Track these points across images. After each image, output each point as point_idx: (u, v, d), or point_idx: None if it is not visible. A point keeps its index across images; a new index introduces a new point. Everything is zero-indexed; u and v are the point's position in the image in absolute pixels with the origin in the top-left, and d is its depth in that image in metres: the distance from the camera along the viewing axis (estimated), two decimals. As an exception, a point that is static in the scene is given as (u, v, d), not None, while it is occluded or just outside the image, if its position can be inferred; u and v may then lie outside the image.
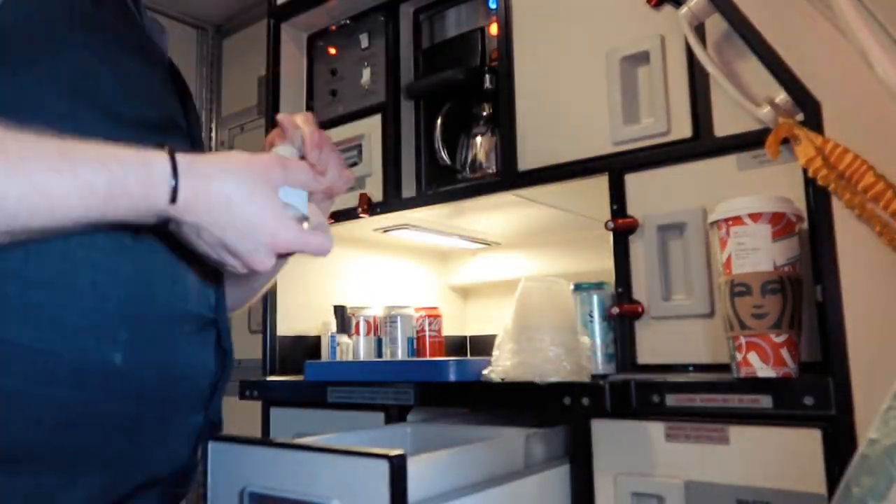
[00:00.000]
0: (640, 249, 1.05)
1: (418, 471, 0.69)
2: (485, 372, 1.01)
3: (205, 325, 0.68)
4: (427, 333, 1.58)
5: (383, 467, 0.64)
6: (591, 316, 1.09)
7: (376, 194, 1.44)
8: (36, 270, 0.55)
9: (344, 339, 1.52)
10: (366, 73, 1.50)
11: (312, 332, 1.56)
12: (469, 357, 1.82)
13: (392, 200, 1.42)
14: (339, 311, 1.54)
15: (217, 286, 0.70)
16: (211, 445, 0.79)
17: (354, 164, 1.48)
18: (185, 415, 0.66)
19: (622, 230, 1.06)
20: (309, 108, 1.61)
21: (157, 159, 0.55)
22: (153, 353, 0.61)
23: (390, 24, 1.48)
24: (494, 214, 1.52)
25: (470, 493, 0.77)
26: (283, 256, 0.64)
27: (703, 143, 1.01)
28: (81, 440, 0.57)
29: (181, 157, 0.56)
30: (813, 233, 0.87)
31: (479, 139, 1.37)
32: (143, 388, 0.61)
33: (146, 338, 0.61)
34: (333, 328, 1.53)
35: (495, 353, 1.02)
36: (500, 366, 0.99)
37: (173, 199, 0.55)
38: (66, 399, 0.56)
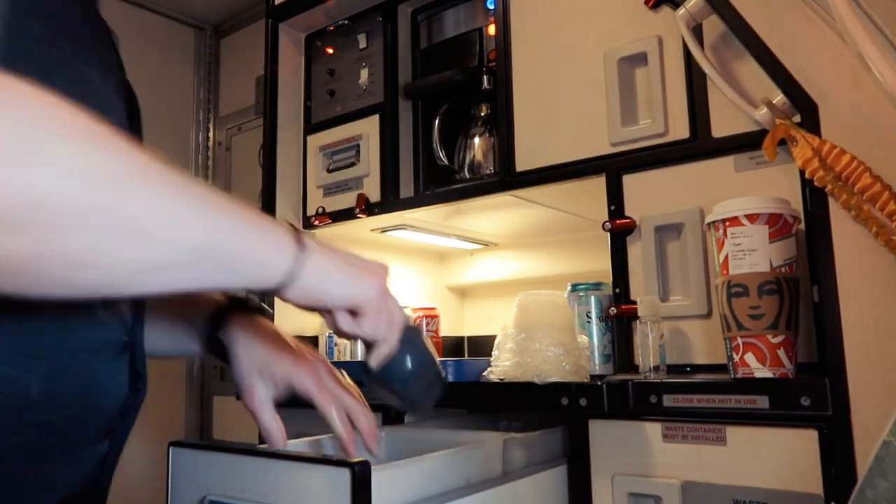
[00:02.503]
0: (638, 250, 1.05)
1: (384, 479, 0.66)
2: (484, 373, 1.01)
3: (121, 349, 0.64)
4: (425, 334, 1.58)
5: (344, 476, 0.61)
6: (589, 317, 1.09)
7: (374, 195, 1.44)
8: None
9: (342, 339, 1.52)
10: (364, 74, 1.50)
11: (310, 332, 1.56)
12: (467, 357, 1.82)
13: (390, 201, 1.42)
14: (337, 312, 1.53)
15: (136, 308, 0.67)
16: (171, 451, 0.76)
17: (352, 165, 1.48)
18: (94, 442, 0.62)
19: (620, 231, 1.06)
20: (307, 108, 1.61)
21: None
22: (69, 384, 0.58)
23: (388, 24, 1.48)
24: (492, 215, 1.52)
25: (455, 498, 0.75)
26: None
27: (700, 145, 1.01)
28: None
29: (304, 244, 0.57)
30: (810, 234, 0.88)
31: (476, 140, 1.37)
32: (56, 417, 0.58)
33: (63, 368, 0.58)
34: (331, 328, 1.53)
35: (494, 353, 1.02)
36: (500, 366, 0.99)
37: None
38: None
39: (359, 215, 1.44)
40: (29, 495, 0.58)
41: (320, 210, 1.52)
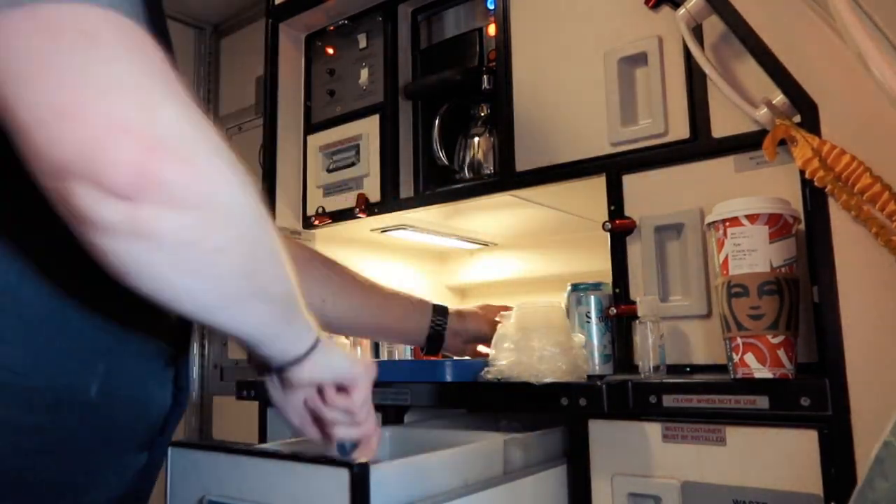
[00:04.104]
0: (638, 250, 1.05)
1: (383, 479, 0.66)
2: (482, 371, 1.01)
3: (169, 359, 0.65)
4: (424, 334, 1.57)
5: (343, 476, 0.62)
6: (589, 317, 1.09)
7: (374, 195, 1.44)
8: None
9: (342, 339, 1.52)
10: (364, 74, 1.50)
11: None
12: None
13: (389, 201, 1.42)
14: (337, 312, 1.53)
15: (183, 320, 0.68)
16: (171, 451, 0.76)
17: (352, 165, 1.48)
18: (136, 451, 0.64)
19: (620, 231, 1.06)
20: (307, 108, 1.61)
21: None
22: (125, 388, 0.59)
23: (388, 24, 1.48)
24: (492, 215, 1.52)
25: (454, 498, 0.75)
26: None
27: (700, 145, 1.01)
28: (42, 469, 0.55)
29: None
30: (810, 234, 0.88)
31: (476, 140, 1.37)
32: (109, 422, 0.59)
33: (121, 370, 0.59)
34: (331, 328, 1.53)
35: (492, 352, 1.02)
36: (497, 365, 0.99)
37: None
38: (40, 427, 0.54)
39: (359, 215, 1.44)
40: (69, 499, 0.58)
41: (320, 210, 1.52)
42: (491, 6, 1.36)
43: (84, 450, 0.58)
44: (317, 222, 1.52)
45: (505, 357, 0.98)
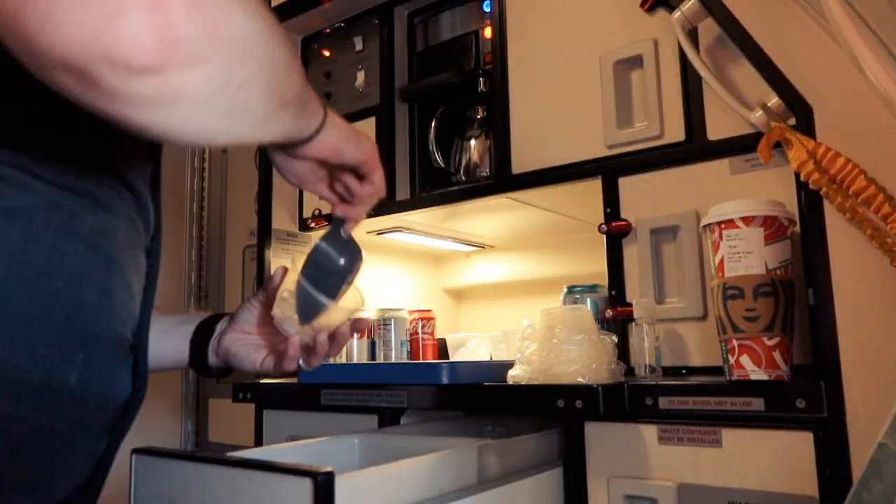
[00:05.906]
0: (634, 252, 1.05)
1: (349, 488, 0.63)
2: (510, 371, 0.97)
3: (131, 347, 0.66)
4: (420, 336, 1.57)
5: (307, 486, 0.59)
6: (585, 319, 1.09)
7: (370, 197, 1.43)
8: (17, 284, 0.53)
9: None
10: (360, 76, 1.50)
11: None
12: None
13: (386, 203, 1.41)
14: (333, 314, 1.53)
15: (143, 308, 0.68)
16: (135, 459, 0.75)
17: (348, 167, 1.48)
18: (99, 438, 0.64)
19: (616, 233, 1.06)
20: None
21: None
22: (97, 376, 0.61)
23: (385, 26, 1.48)
24: (488, 217, 1.52)
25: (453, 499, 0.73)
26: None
27: (695, 147, 1.01)
28: (23, 458, 0.56)
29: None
30: (805, 236, 0.88)
31: (472, 142, 1.37)
32: (83, 409, 0.60)
33: (97, 360, 0.60)
34: (327, 331, 1.52)
35: (517, 354, 0.99)
36: (523, 367, 0.95)
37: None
38: (25, 417, 0.55)
39: (355, 217, 1.43)
40: (48, 489, 0.59)
41: (316, 213, 1.52)
42: (487, 9, 1.37)
43: (62, 436, 0.59)
44: (313, 224, 1.52)
45: (531, 360, 0.95)
